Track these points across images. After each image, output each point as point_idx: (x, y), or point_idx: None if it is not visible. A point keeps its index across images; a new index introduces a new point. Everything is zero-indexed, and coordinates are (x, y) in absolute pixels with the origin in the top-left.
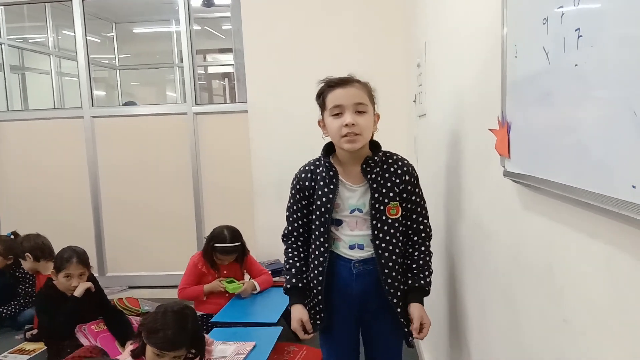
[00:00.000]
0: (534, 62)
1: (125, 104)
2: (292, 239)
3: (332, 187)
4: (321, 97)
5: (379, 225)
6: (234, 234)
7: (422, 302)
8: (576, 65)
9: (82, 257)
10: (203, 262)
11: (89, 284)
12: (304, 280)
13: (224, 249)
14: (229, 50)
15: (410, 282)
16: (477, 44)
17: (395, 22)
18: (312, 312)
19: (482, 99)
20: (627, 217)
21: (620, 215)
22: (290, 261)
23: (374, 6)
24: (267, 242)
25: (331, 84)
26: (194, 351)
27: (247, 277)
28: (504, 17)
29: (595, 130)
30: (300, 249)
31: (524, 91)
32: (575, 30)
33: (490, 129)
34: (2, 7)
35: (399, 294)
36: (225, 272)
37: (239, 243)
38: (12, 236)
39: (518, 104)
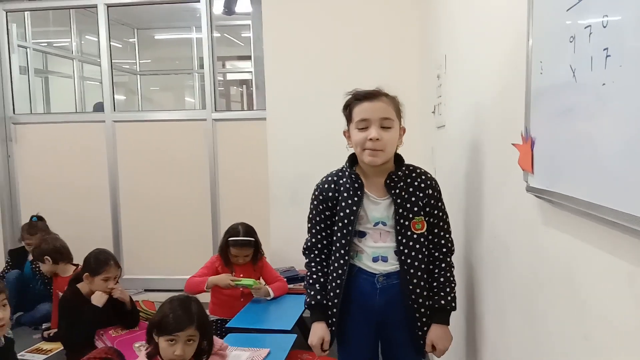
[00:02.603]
0: (560, 80)
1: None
2: (316, 252)
3: (356, 198)
4: (348, 108)
5: (404, 240)
6: (248, 229)
7: (445, 321)
8: (604, 84)
9: (116, 260)
10: (220, 262)
11: (107, 296)
12: (327, 296)
13: (236, 242)
14: (247, 58)
15: (432, 302)
16: (500, 58)
17: (412, 33)
18: (326, 324)
19: (503, 112)
20: None
21: None
22: (314, 276)
23: (392, 17)
24: (282, 249)
25: (359, 97)
26: (205, 343)
27: (262, 282)
28: (529, 32)
29: (620, 149)
30: (324, 263)
31: (549, 108)
32: (604, 49)
33: (513, 144)
34: (28, 12)
35: (422, 310)
36: (241, 275)
37: (252, 239)
38: (36, 220)
39: (543, 120)
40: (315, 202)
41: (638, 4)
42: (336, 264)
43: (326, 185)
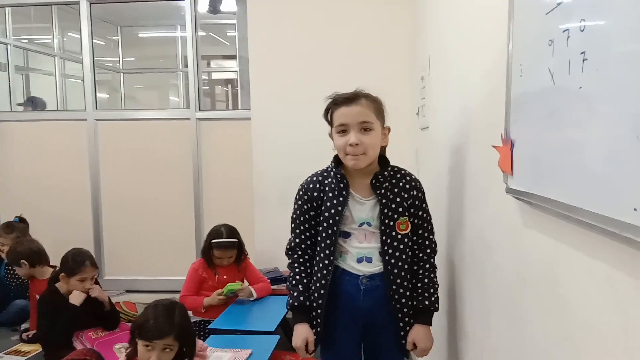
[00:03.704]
0: (539, 82)
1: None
2: (299, 253)
3: (341, 199)
4: (328, 113)
5: (388, 240)
6: (231, 231)
7: (428, 322)
8: (581, 87)
9: (93, 260)
10: (203, 267)
11: (85, 295)
12: (311, 298)
13: (219, 244)
14: (232, 57)
15: (415, 302)
16: (482, 60)
17: (401, 34)
18: (310, 326)
19: (485, 114)
20: (628, 239)
21: (622, 237)
22: (297, 277)
23: (379, 17)
24: (266, 249)
25: (337, 102)
26: (183, 349)
27: (245, 283)
28: (510, 35)
29: (598, 152)
30: (307, 264)
31: (528, 110)
32: (581, 53)
33: (493, 146)
34: (9, 8)
35: (405, 310)
36: (225, 276)
37: (235, 239)
38: (18, 220)
39: (522, 122)
40: (299, 202)
41: (613, 10)
42: (320, 265)
43: (311, 185)
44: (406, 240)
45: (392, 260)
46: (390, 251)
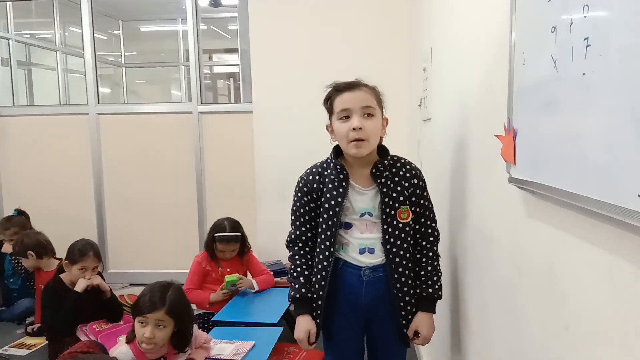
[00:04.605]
0: (541, 70)
1: None
2: (300, 245)
3: (341, 190)
4: (329, 101)
5: (389, 229)
6: (234, 224)
7: (431, 310)
8: (584, 74)
9: (97, 251)
10: (207, 260)
11: (89, 281)
12: (312, 290)
13: (223, 238)
14: (234, 50)
15: (419, 290)
16: (484, 50)
17: (401, 25)
18: (312, 317)
19: (487, 104)
20: (631, 226)
21: (625, 224)
22: (298, 269)
23: (379, 10)
24: (269, 242)
25: (339, 88)
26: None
27: (249, 276)
28: (512, 23)
29: (601, 138)
30: (308, 256)
31: (531, 98)
32: (584, 39)
33: (496, 135)
34: (10, 2)
35: (407, 298)
36: (228, 269)
37: (238, 233)
38: (16, 214)
39: (525, 111)
40: (299, 194)
41: None
42: (321, 256)
43: (310, 177)
44: (408, 229)
45: (394, 250)
46: (392, 240)
